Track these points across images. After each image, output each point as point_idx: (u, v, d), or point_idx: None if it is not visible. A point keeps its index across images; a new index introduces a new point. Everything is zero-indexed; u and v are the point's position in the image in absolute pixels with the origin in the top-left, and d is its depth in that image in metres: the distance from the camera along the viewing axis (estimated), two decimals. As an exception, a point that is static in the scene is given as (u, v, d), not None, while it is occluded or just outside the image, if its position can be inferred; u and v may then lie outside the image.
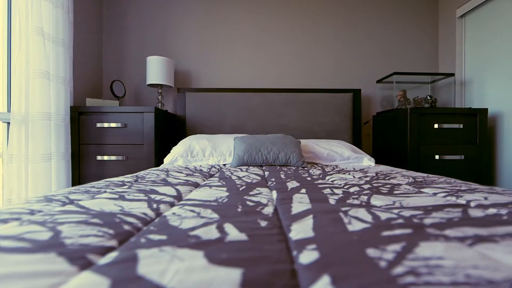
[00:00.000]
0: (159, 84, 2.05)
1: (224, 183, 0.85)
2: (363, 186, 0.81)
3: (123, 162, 1.75)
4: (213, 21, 2.27)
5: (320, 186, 0.80)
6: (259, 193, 0.70)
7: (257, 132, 2.16)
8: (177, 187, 0.79)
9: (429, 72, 2.36)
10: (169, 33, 2.26)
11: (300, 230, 0.40)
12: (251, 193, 0.70)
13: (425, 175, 1.12)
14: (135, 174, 1.15)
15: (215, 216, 0.49)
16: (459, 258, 0.30)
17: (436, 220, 0.46)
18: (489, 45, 1.92)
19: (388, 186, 0.82)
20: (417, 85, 2.38)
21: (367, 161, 1.55)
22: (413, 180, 0.95)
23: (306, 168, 1.38)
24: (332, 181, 0.95)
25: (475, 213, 0.53)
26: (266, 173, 1.15)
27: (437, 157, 1.78)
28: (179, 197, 0.68)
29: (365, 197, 0.68)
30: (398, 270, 0.27)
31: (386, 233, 0.38)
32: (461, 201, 0.65)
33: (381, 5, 2.34)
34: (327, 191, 0.74)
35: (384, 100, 2.34)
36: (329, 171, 1.22)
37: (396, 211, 0.54)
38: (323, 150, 1.62)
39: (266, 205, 0.58)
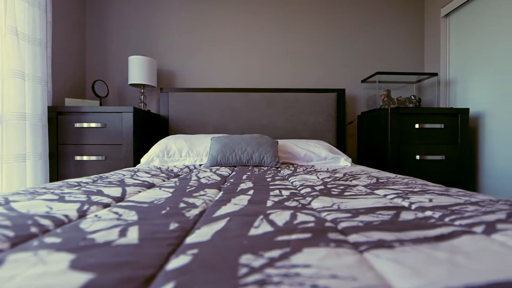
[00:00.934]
0: (141, 84, 2.04)
1: (178, 184, 0.84)
2: (317, 188, 0.80)
3: (102, 162, 1.75)
4: (198, 21, 2.26)
5: (272, 187, 0.79)
6: (203, 195, 0.69)
7: (241, 132, 2.16)
8: (128, 188, 0.78)
9: (413, 71, 2.34)
10: (154, 33, 2.25)
11: (203, 234, 0.39)
12: (195, 194, 0.69)
13: (393, 175, 1.11)
14: (101, 174, 1.14)
15: (133, 218, 0.48)
16: (327, 266, 0.29)
17: (354, 223, 0.45)
18: (472, 44, 1.90)
19: (342, 187, 0.81)
20: (403, 84, 2.36)
21: (344, 162, 1.54)
22: (375, 181, 0.94)
23: (279, 169, 1.37)
24: (292, 182, 0.94)
25: (407, 216, 0.52)
26: (233, 173, 1.14)
27: (418, 157, 1.77)
28: (121, 198, 0.67)
29: (309, 199, 0.67)
30: (250, 278, 0.26)
31: (281, 238, 0.37)
32: (404, 203, 0.64)
33: (367, 4, 2.32)
34: (275, 192, 0.73)
35: (370, 100, 2.33)
36: (299, 172, 1.21)
37: (324, 213, 0.53)
38: (301, 150, 1.61)
39: (197, 207, 0.57)
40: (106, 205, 0.61)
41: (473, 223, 0.47)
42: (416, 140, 1.79)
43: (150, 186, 0.85)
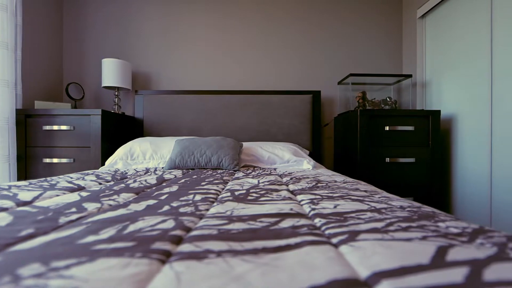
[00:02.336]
0: (115, 87, 2.05)
1: (102, 188, 0.84)
2: (238, 192, 0.79)
3: (71, 165, 1.76)
4: (173, 23, 2.27)
5: (192, 192, 0.78)
6: (112, 199, 0.69)
7: (215, 134, 2.15)
8: (50, 192, 0.78)
9: (391, 73, 2.31)
10: (130, 35, 2.26)
11: (39, 240, 0.39)
12: (104, 199, 0.69)
13: (341, 179, 1.09)
14: (51, 177, 1.15)
15: (1, 224, 0.47)
16: (100, 278, 0.28)
17: (209, 231, 0.44)
18: (446, 46, 1.87)
19: (264, 192, 0.79)
20: (382, 86, 2.33)
21: (306, 164, 1.53)
22: (311, 186, 0.93)
23: (235, 172, 1.36)
24: (227, 187, 0.93)
25: (284, 224, 0.50)
26: (178, 177, 1.13)
27: (387, 160, 1.74)
28: (27, 203, 0.67)
29: (215, 204, 0.66)
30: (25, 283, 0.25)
31: (99, 246, 0.36)
32: (307, 209, 0.63)
33: (345, 5, 2.31)
34: (188, 197, 0.72)
35: (348, 102, 2.31)
36: (248, 175, 1.20)
37: (203, 220, 0.52)
38: (265, 153, 1.60)
39: (82, 212, 0.56)
40: (3, 209, 0.60)
41: (342, 232, 0.45)
42: (386, 142, 1.76)
43: (77, 189, 0.85)
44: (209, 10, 2.28)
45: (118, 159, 1.59)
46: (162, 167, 1.59)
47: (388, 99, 2.06)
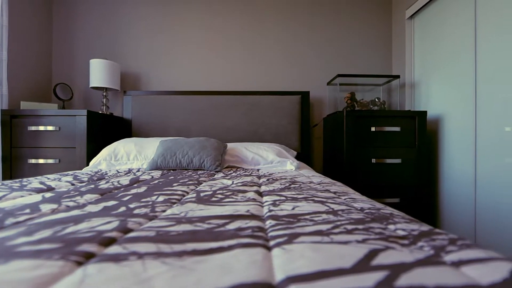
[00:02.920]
0: (104, 87, 2.05)
1: (70, 189, 0.84)
2: (203, 194, 0.78)
3: (56, 166, 1.76)
4: (164, 24, 2.27)
5: (158, 193, 0.78)
6: (72, 200, 0.68)
7: (203, 134, 2.15)
8: (14, 193, 0.78)
9: (381, 74, 2.31)
10: (119, 36, 2.27)
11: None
12: (65, 200, 0.68)
13: (318, 180, 1.08)
14: (30, 178, 1.14)
15: None
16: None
17: (146, 233, 0.44)
18: (434, 46, 1.86)
19: (230, 193, 0.79)
20: (373, 87, 2.33)
21: (290, 165, 1.52)
22: (284, 186, 0.92)
23: (217, 172, 1.36)
24: (196, 187, 0.92)
25: (231, 226, 0.50)
26: (157, 177, 1.13)
27: (373, 160, 1.73)
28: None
29: (175, 205, 0.65)
30: None
31: (23, 248, 0.35)
32: (265, 210, 0.62)
33: (336, 5, 2.30)
34: (151, 198, 0.71)
35: (338, 102, 2.30)
36: (227, 176, 1.19)
37: (149, 223, 0.51)
38: (249, 154, 1.60)
39: (33, 213, 0.56)
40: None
41: (283, 234, 0.44)
42: (372, 143, 1.75)
43: (45, 190, 0.85)
44: (199, 11, 2.27)
45: (102, 160, 1.58)
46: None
47: (376, 100, 2.05)
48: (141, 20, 2.27)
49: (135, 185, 0.92)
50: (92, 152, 1.80)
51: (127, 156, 1.61)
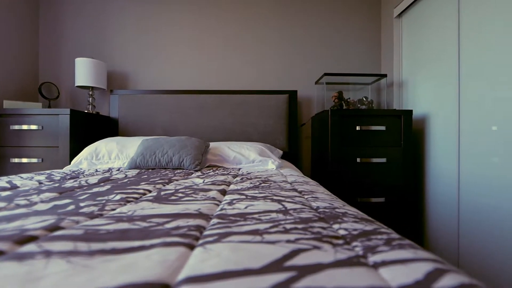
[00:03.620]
0: (90, 86, 2.04)
1: (34, 187, 0.83)
2: (164, 192, 0.77)
3: (39, 165, 1.75)
4: (151, 24, 2.26)
5: (118, 192, 0.77)
6: (26, 199, 0.67)
7: (190, 133, 2.14)
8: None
9: (371, 73, 2.29)
10: (107, 35, 2.26)
11: None
12: (18, 199, 0.67)
13: (293, 179, 1.07)
14: (2, 177, 1.13)
15: None
16: None
17: (78, 231, 0.42)
18: (421, 45, 1.84)
19: (191, 192, 0.78)
20: (362, 86, 2.31)
21: (271, 164, 1.51)
22: (253, 185, 0.91)
23: (196, 172, 1.34)
24: (164, 186, 0.91)
25: (172, 225, 0.48)
26: (131, 176, 1.12)
27: (358, 160, 1.72)
28: None
29: (128, 204, 0.64)
30: None
31: None
32: (218, 209, 0.61)
33: (324, 3, 2.29)
34: (108, 197, 0.70)
35: (325, 101, 2.28)
36: (203, 174, 1.18)
37: (88, 221, 0.50)
38: (231, 153, 1.58)
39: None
40: None
41: (217, 233, 0.43)
42: (358, 142, 1.74)
43: (8, 189, 0.84)
44: (186, 10, 2.26)
45: (83, 159, 1.57)
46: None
47: (364, 99, 2.03)
48: (129, 19, 2.26)
49: (102, 183, 0.91)
50: (76, 151, 1.79)
51: (108, 155, 1.60)
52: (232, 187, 0.90)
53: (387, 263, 0.33)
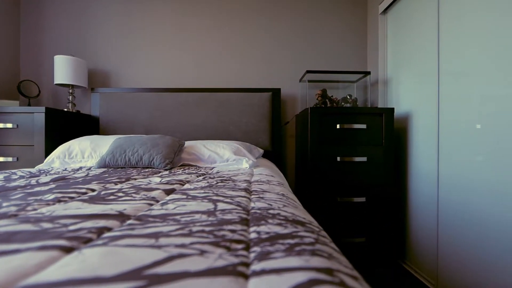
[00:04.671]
0: (70, 84, 2.02)
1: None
2: (105, 192, 0.74)
3: (14, 164, 1.73)
4: (133, 22, 2.23)
5: (58, 191, 0.74)
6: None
7: (171, 132, 2.11)
8: None
9: (356, 70, 2.25)
10: (89, 33, 2.23)
11: None
12: None
13: (257, 178, 1.04)
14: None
15: None
16: None
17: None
18: (404, 42, 1.80)
19: (133, 191, 0.75)
20: (348, 84, 2.27)
21: (245, 163, 1.47)
22: (207, 185, 0.87)
23: (165, 171, 1.31)
24: (117, 185, 0.88)
25: (79, 226, 0.45)
26: (91, 175, 1.09)
27: (338, 158, 1.68)
28: None
29: (58, 204, 0.61)
30: None
31: None
32: (148, 209, 0.58)
33: (310, 0, 2.25)
34: (42, 197, 0.67)
35: (308, 100, 2.25)
36: (171, 173, 1.15)
37: (5, 221, 0.47)
38: (206, 151, 1.55)
39: None
40: None
41: (114, 236, 0.40)
42: (338, 141, 1.70)
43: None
44: (168, 9, 2.23)
45: (55, 158, 1.55)
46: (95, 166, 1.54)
47: (348, 97, 1.99)
48: (110, 18, 2.23)
49: (52, 183, 0.88)
50: (51, 150, 1.77)
51: (81, 154, 1.57)
52: (185, 186, 0.87)
53: (265, 273, 0.30)
